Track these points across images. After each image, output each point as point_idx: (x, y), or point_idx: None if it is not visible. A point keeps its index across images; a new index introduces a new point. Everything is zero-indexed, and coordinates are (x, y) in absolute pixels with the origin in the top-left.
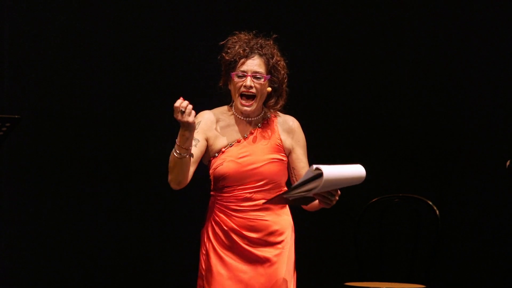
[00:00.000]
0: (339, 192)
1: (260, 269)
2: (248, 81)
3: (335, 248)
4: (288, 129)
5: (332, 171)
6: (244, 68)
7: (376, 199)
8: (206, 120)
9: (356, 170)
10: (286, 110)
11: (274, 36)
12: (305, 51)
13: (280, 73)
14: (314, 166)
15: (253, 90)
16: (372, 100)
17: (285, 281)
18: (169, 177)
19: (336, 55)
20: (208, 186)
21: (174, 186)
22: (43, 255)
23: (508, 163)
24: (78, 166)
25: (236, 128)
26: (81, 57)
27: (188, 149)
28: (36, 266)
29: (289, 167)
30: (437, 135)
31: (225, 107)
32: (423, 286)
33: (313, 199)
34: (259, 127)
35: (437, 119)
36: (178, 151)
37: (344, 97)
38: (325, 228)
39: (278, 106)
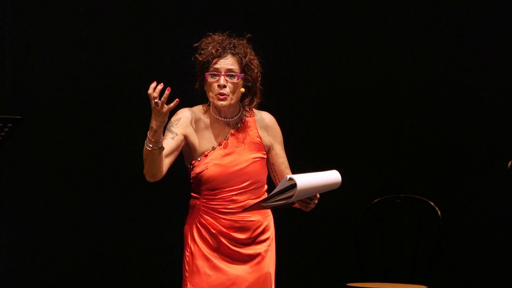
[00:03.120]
0: (318, 196)
1: (247, 268)
2: (222, 80)
3: (337, 249)
4: (265, 126)
5: (305, 180)
6: (217, 66)
7: (378, 199)
8: (186, 118)
9: (331, 177)
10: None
11: (248, 35)
12: (304, 50)
13: (254, 71)
14: (288, 176)
15: (227, 90)
16: (374, 101)
17: (270, 276)
18: (144, 170)
19: (336, 55)
20: (187, 186)
21: (148, 178)
22: (44, 255)
23: (510, 163)
24: (80, 166)
25: (216, 129)
26: (83, 57)
27: (157, 142)
28: (37, 266)
29: (269, 163)
30: (439, 136)
31: (201, 107)
32: (425, 287)
33: (292, 203)
34: (238, 127)
35: (439, 120)
36: (147, 142)
37: (346, 97)
38: (327, 229)
39: (253, 104)
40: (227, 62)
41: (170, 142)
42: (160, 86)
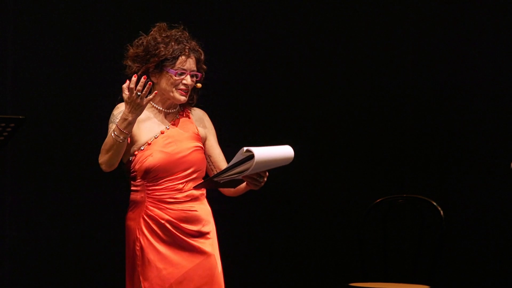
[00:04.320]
0: (267, 173)
1: (197, 261)
2: (189, 80)
3: (339, 248)
4: (199, 119)
5: (262, 152)
6: (185, 66)
7: (380, 199)
8: None
9: (285, 151)
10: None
11: (182, 27)
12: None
13: (205, 70)
14: (245, 148)
15: (188, 88)
16: (376, 100)
17: (218, 269)
18: (102, 159)
19: (339, 54)
20: (123, 182)
21: (105, 168)
22: (47, 256)
23: None
24: (83, 167)
25: (156, 120)
26: (85, 58)
27: (128, 133)
28: (40, 267)
29: (205, 156)
30: (441, 136)
31: None
32: (427, 287)
33: (241, 181)
34: (177, 118)
35: (441, 119)
36: (117, 134)
37: (348, 97)
38: (329, 228)
39: (195, 101)
40: (193, 63)
41: None
42: (143, 79)
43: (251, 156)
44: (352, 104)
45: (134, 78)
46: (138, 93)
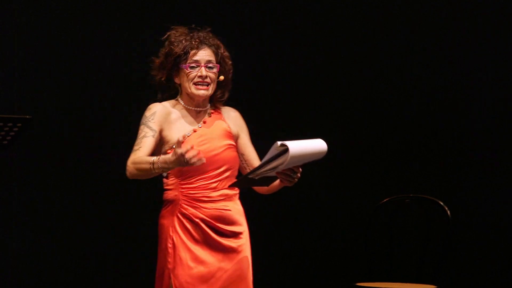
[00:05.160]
0: (300, 169)
1: (228, 260)
2: (204, 71)
3: (346, 248)
4: (231, 117)
5: (297, 146)
6: (197, 58)
7: (386, 199)
8: (160, 111)
9: (319, 145)
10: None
11: (209, 29)
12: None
13: (227, 64)
14: (279, 142)
15: (208, 80)
16: (382, 100)
17: (249, 270)
18: (130, 170)
19: (346, 54)
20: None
21: (130, 177)
22: (53, 258)
23: None
24: (90, 166)
25: (187, 119)
26: (91, 58)
27: (162, 172)
28: (46, 269)
29: (238, 154)
30: (448, 135)
31: (172, 101)
32: (434, 287)
33: (275, 179)
34: (209, 117)
35: (448, 119)
36: (155, 168)
37: (355, 97)
38: (335, 228)
39: (225, 98)
40: (206, 54)
41: (151, 141)
42: (195, 152)
43: (286, 150)
44: (359, 104)
45: (185, 147)
46: (186, 161)
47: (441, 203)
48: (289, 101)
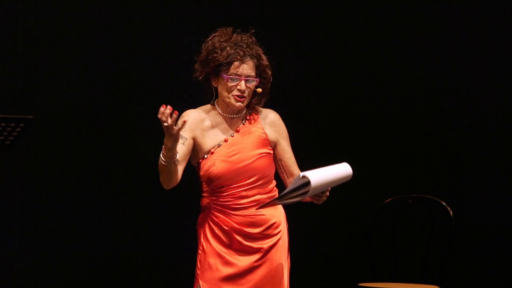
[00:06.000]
0: (329, 188)
1: (258, 261)
2: (243, 85)
3: (349, 248)
4: (270, 122)
5: (318, 176)
6: (239, 72)
7: (389, 199)
8: (192, 119)
9: (343, 170)
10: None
11: (253, 31)
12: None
13: (267, 74)
14: (301, 174)
15: (245, 94)
16: (385, 100)
17: (281, 269)
18: (160, 178)
19: (350, 53)
20: (197, 185)
21: (165, 187)
22: (56, 257)
23: None
24: (91, 166)
25: (221, 126)
26: (94, 58)
27: (171, 158)
28: (49, 268)
29: (276, 159)
30: (451, 136)
31: (208, 106)
32: (437, 287)
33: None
34: (243, 124)
35: (451, 119)
36: (161, 157)
37: (358, 96)
38: (338, 228)
39: (261, 104)
40: (248, 67)
41: (182, 148)
42: (168, 110)
43: (308, 183)
44: (361, 104)
45: (161, 109)
46: (165, 124)
47: (444, 204)
48: (289, 101)
